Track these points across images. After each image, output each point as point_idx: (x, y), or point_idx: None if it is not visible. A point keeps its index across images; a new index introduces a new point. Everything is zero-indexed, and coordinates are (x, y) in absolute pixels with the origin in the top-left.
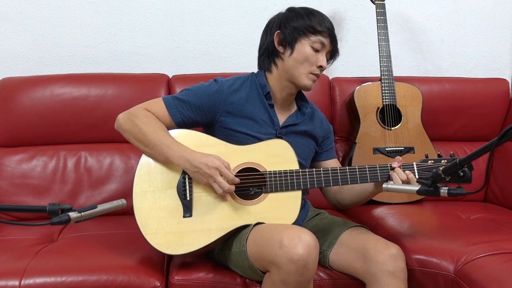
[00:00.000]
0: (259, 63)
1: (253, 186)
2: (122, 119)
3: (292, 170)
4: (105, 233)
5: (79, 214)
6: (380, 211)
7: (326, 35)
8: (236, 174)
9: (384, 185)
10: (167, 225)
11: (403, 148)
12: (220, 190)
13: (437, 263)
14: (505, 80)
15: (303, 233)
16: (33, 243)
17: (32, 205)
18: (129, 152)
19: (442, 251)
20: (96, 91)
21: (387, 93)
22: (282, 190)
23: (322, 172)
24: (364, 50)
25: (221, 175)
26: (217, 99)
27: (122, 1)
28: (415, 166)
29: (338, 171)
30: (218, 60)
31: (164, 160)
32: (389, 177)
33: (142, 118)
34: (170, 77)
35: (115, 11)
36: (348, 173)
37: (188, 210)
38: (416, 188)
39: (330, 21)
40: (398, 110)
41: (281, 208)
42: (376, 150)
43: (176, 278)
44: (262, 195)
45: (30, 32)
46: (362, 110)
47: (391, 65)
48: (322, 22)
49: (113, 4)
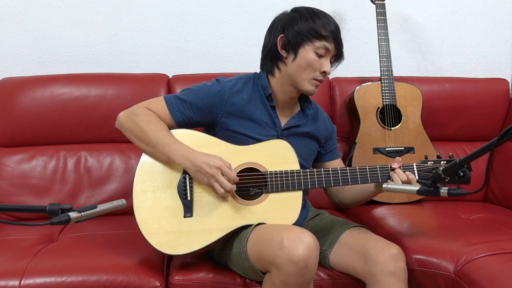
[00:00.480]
0: (262, 64)
1: (254, 186)
2: (123, 117)
3: (293, 170)
4: (105, 233)
5: (79, 214)
6: (380, 211)
7: (331, 40)
8: (237, 174)
9: (384, 185)
10: (168, 225)
11: (403, 148)
12: (222, 190)
13: (437, 263)
14: (505, 80)
15: (304, 234)
16: (33, 243)
17: (32, 205)
18: (129, 152)
19: (442, 251)
20: (96, 91)
21: (387, 93)
22: (283, 190)
23: (323, 172)
24: (364, 50)
25: (222, 174)
26: (218, 100)
27: (122, 1)
28: (415, 167)
29: (339, 171)
30: (218, 60)
31: (165, 159)
32: (389, 178)
33: (143, 116)
34: (170, 77)
35: (115, 11)
36: (348, 174)
37: (188, 210)
38: (416, 188)
39: (336, 23)
40: (398, 110)
41: (282, 208)
42: (376, 150)
43: (176, 278)
44: (263, 195)
45: (30, 32)
46: (362, 110)
47: (391, 65)
48: (327, 26)
49: (113, 4)
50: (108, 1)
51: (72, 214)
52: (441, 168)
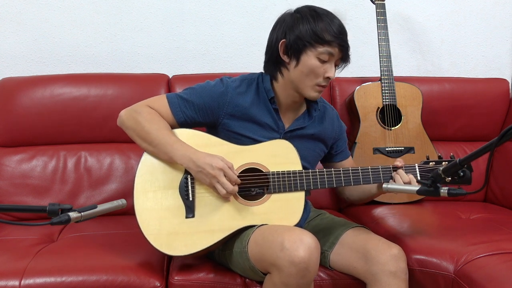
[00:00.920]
0: (265, 67)
1: (256, 187)
2: (124, 115)
3: (296, 171)
4: (105, 233)
5: (79, 214)
6: (380, 211)
7: (334, 44)
8: (239, 174)
9: (384, 185)
10: (169, 226)
11: (403, 148)
12: (224, 191)
13: (437, 263)
14: (505, 80)
15: (305, 236)
16: (33, 243)
17: (32, 205)
18: (129, 152)
19: (442, 251)
20: (96, 91)
21: (387, 93)
22: (285, 191)
23: (325, 173)
24: (364, 50)
25: (224, 176)
26: (221, 101)
27: (122, 1)
28: (417, 168)
29: (341, 172)
30: (218, 60)
31: (167, 159)
32: (392, 178)
33: (145, 115)
34: (170, 77)
35: (115, 11)
36: (351, 175)
37: (190, 210)
38: (416, 188)
39: (340, 24)
40: (398, 110)
41: (284, 209)
42: (376, 150)
43: (176, 278)
44: (265, 195)
45: (30, 32)
46: (362, 110)
47: (391, 65)
48: (330, 29)
49: (113, 4)
50: (108, 1)
51: (72, 214)
52: (441, 168)
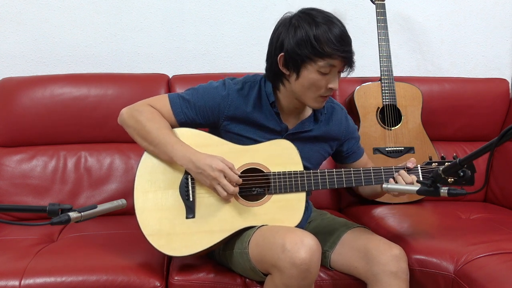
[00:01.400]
0: (266, 75)
1: (257, 187)
2: (126, 113)
3: (297, 171)
4: (105, 233)
5: (79, 214)
6: (380, 211)
7: (335, 56)
8: (240, 174)
9: (384, 185)
10: (170, 226)
11: (403, 148)
12: (224, 193)
13: (437, 263)
14: (505, 80)
15: (306, 237)
16: (33, 243)
17: (32, 205)
18: (129, 152)
19: (442, 251)
20: (96, 91)
21: (387, 93)
22: (286, 192)
23: (326, 173)
24: (364, 50)
25: (225, 177)
26: (222, 104)
27: (122, 1)
28: (420, 169)
29: (343, 173)
30: (218, 60)
31: (167, 159)
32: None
33: (146, 114)
34: (170, 77)
35: (115, 11)
36: (353, 176)
37: (191, 211)
38: (416, 188)
39: (341, 31)
40: (398, 110)
41: (285, 210)
42: (376, 150)
43: (176, 278)
44: (266, 196)
45: (30, 32)
46: (362, 110)
47: (391, 65)
48: (329, 39)
49: (113, 4)
50: (108, 1)
51: (72, 214)
52: (441, 168)
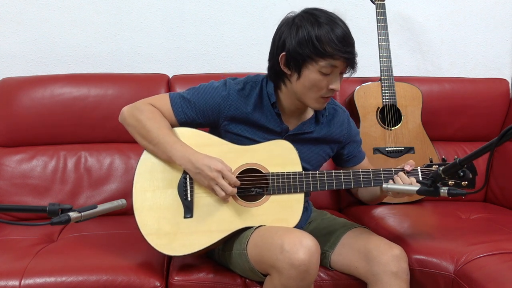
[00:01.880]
0: (268, 75)
1: (255, 188)
2: (126, 112)
3: (295, 172)
4: (105, 233)
5: (79, 214)
6: (380, 211)
7: (337, 57)
8: (238, 175)
9: (384, 185)
10: (168, 226)
11: (403, 148)
12: (222, 194)
13: (437, 263)
14: (505, 80)
15: (305, 238)
16: (33, 243)
17: (32, 205)
18: (129, 152)
19: (442, 251)
20: (96, 91)
21: (387, 93)
22: (284, 193)
23: (325, 174)
24: (364, 50)
25: (223, 178)
26: (222, 104)
27: (122, 1)
28: (420, 171)
29: (342, 174)
30: (218, 60)
31: (166, 158)
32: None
33: (147, 113)
34: (170, 77)
35: (115, 11)
36: (352, 177)
37: (189, 210)
38: (416, 188)
39: (344, 32)
40: (398, 110)
41: (283, 210)
42: (376, 150)
43: (176, 278)
44: (264, 197)
45: (30, 32)
46: (362, 110)
47: (391, 65)
48: (331, 40)
49: (113, 4)
50: (108, 1)
51: (72, 214)
52: (441, 168)
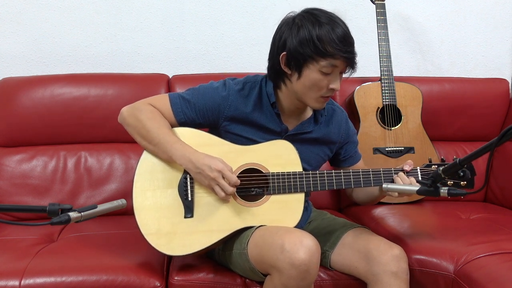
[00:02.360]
0: (268, 74)
1: (256, 188)
2: (126, 112)
3: (296, 172)
4: (105, 233)
5: (79, 214)
6: (380, 211)
7: (337, 56)
8: (239, 175)
9: (384, 185)
10: (168, 225)
11: (403, 148)
12: (222, 194)
13: (437, 263)
14: (505, 80)
15: (305, 238)
16: (33, 243)
17: (32, 205)
18: (129, 152)
19: (442, 251)
20: (96, 91)
21: (387, 93)
22: (284, 192)
23: (325, 174)
24: (364, 50)
25: (223, 178)
26: (222, 104)
27: (122, 1)
28: (419, 171)
29: (342, 174)
30: (218, 60)
31: (166, 158)
32: (393, 181)
33: (146, 113)
34: (170, 77)
35: (115, 11)
36: (351, 177)
37: (189, 210)
38: (416, 188)
39: (344, 32)
40: (398, 110)
41: (284, 210)
42: (376, 150)
43: (176, 278)
44: (265, 196)
45: (30, 32)
46: (362, 110)
47: (391, 65)
48: (332, 39)
49: (113, 4)
50: (108, 1)
51: (72, 214)
52: (441, 168)
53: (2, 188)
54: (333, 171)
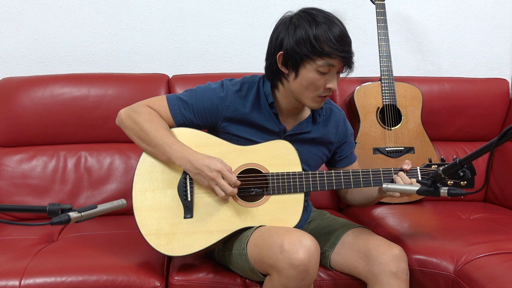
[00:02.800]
0: (265, 74)
1: (255, 188)
2: (124, 114)
3: (295, 172)
4: (105, 233)
5: (79, 214)
6: (380, 211)
7: (334, 56)
8: (238, 175)
9: (384, 185)
10: (167, 226)
11: (403, 148)
12: (222, 194)
13: (437, 263)
14: (505, 80)
15: (304, 238)
16: (33, 243)
17: (32, 205)
18: (129, 152)
19: (442, 251)
20: (96, 91)
21: (387, 93)
22: (284, 193)
23: (325, 175)
24: (364, 50)
25: (223, 178)
26: (220, 106)
27: (122, 1)
28: (419, 171)
29: (342, 174)
30: (218, 60)
31: (165, 159)
32: (393, 181)
33: (144, 115)
34: (170, 77)
35: (115, 11)
36: (351, 177)
37: (189, 211)
38: (416, 188)
39: (341, 31)
40: (398, 110)
41: (283, 210)
42: (376, 150)
43: (176, 278)
44: (264, 197)
45: (30, 32)
46: (362, 110)
47: (391, 65)
48: (329, 39)
49: (113, 4)
50: (108, 1)
51: (72, 214)
52: (441, 168)
53: (2, 188)
54: (332, 171)
